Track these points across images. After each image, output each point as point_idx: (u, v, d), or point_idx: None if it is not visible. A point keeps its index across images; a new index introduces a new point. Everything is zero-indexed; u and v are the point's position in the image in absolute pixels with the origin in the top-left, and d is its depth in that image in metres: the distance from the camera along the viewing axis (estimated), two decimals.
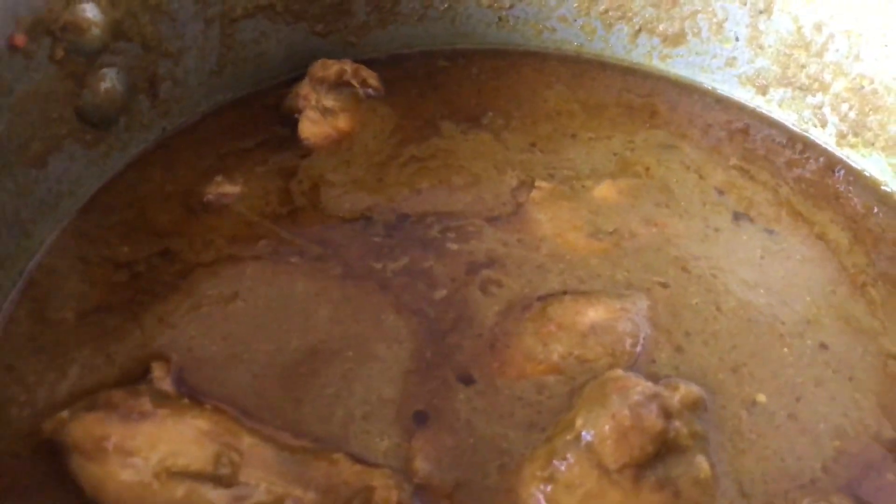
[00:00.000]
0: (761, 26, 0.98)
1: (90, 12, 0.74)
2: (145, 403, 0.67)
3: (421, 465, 0.68)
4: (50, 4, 0.71)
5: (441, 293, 0.80)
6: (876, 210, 0.93)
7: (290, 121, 0.95)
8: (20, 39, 0.69)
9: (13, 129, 0.72)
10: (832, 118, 0.97)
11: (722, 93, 1.05)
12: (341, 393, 0.72)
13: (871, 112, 0.94)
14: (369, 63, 1.00)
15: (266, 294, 0.80)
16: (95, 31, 0.75)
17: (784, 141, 1.00)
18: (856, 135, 0.96)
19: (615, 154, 0.96)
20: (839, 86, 0.96)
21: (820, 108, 0.98)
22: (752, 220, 0.90)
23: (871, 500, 0.69)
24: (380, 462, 0.68)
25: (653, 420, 0.65)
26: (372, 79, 0.97)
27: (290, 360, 0.75)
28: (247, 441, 0.66)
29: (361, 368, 0.74)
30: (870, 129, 0.94)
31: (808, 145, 1.00)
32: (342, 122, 0.94)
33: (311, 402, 0.72)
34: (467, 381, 0.74)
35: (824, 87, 0.97)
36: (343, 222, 0.87)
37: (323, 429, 0.70)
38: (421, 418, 0.71)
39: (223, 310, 0.78)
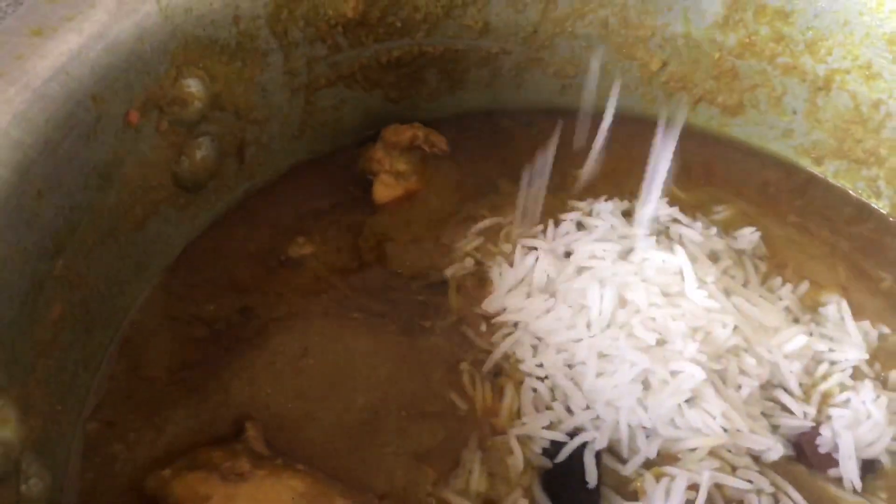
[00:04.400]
0: (819, 102, 1.00)
1: (194, 87, 0.78)
2: (244, 464, 0.69)
3: None
4: (159, 82, 0.75)
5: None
6: None
7: (363, 181, 0.98)
8: (134, 116, 0.73)
9: (120, 197, 0.76)
10: (887, 191, 1.00)
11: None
12: (399, 451, 0.75)
13: None
14: (436, 122, 1.02)
15: (333, 350, 0.82)
16: (198, 104, 0.79)
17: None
18: None
19: None
20: (895, 161, 0.98)
21: (875, 181, 1.01)
22: None
23: None
24: None
25: None
26: (441, 143, 0.99)
27: (356, 419, 0.77)
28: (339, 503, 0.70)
29: (413, 426, 0.77)
30: None
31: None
32: (412, 184, 0.97)
33: (375, 461, 0.74)
34: None
35: (880, 161, 1.00)
36: (401, 279, 0.90)
37: (388, 486, 0.73)
38: None
39: (295, 366, 0.80)
